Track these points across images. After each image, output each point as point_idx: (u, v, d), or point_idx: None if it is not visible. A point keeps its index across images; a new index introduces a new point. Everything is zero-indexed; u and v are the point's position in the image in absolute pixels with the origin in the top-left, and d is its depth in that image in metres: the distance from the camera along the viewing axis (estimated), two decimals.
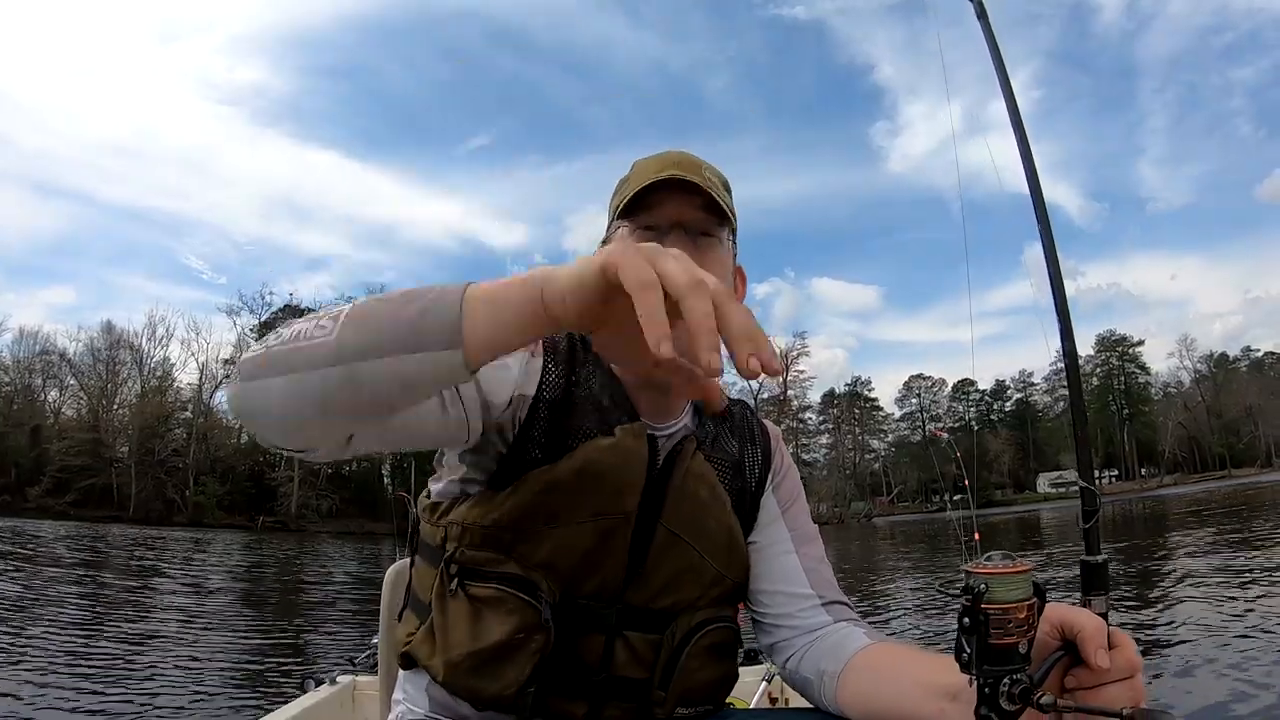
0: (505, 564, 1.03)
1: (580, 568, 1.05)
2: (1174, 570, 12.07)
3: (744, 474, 1.22)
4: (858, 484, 76.82)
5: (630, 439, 1.08)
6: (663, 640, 1.09)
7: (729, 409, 1.27)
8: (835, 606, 1.18)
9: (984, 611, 0.68)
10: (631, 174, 1.16)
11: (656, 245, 0.68)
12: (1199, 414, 75.88)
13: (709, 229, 1.11)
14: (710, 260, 1.09)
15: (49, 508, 49.59)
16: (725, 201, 1.10)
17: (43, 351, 60.91)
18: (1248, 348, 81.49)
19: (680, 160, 1.12)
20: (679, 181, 1.07)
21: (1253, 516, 21.66)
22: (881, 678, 1.00)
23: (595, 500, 1.05)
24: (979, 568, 0.69)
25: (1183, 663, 5.95)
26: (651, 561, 1.08)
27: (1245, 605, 8.15)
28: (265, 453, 62.94)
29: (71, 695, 5.87)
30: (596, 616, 1.07)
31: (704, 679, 1.13)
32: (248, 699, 6.09)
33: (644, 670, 1.09)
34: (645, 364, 0.69)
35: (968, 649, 0.69)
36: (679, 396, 1.15)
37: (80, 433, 56.61)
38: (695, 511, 1.12)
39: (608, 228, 1.20)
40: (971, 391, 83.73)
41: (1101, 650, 0.74)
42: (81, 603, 11.26)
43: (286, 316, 44.45)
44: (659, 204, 1.09)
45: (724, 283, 1.06)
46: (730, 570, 1.16)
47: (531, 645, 1.01)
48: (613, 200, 1.19)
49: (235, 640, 8.87)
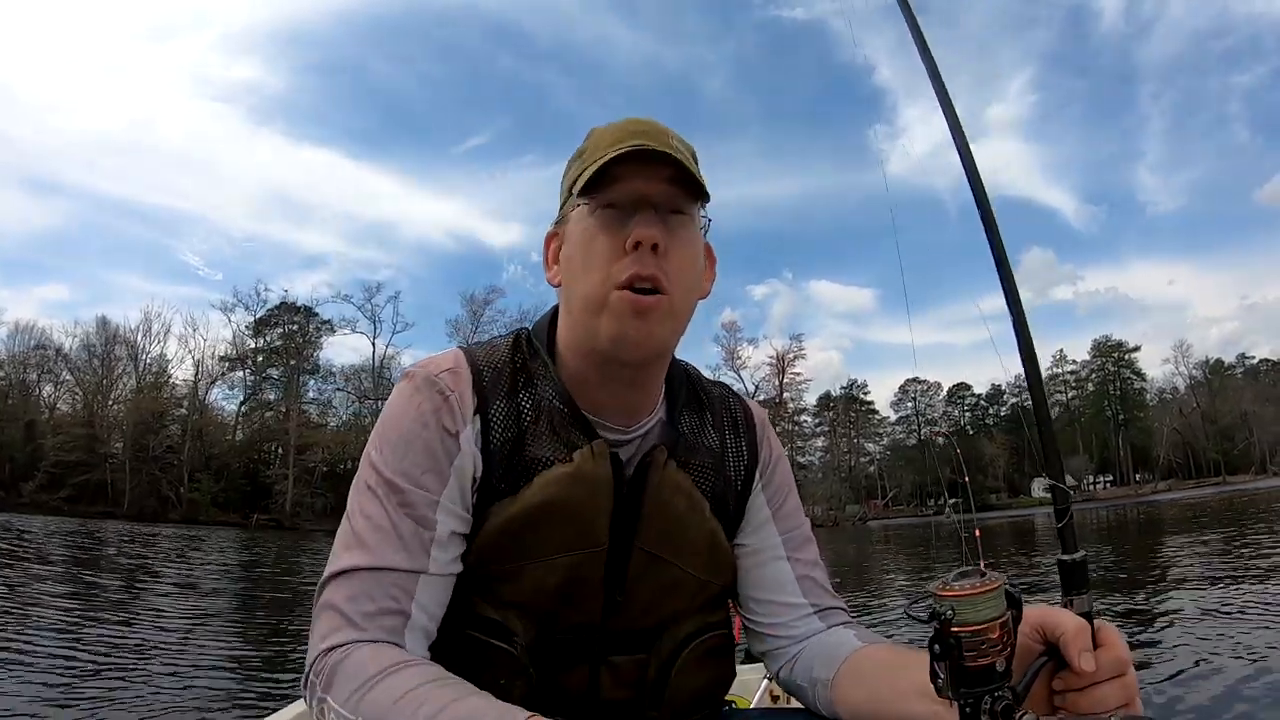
0: (479, 606, 0.98)
1: (555, 604, 1.00)
2: (1166, 574, 12.06)
3: (726, 471, 1.14)
4: (853, 487, 76.71)
5: (590, 463, 0.99)
6: (649, 659, 1.05)
7: (708, 392, 1.19)
8: (829, 612, 1.13)
9: (955, 635, 0.65)
10: (588, 144, 1.03)
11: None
12: (1194, 420, 75.96)
13: (680, 205, 0.99)
14: (681, 241, 0.99)
15: (43, 503, 49.39)
16: (697, 174, 0.99)
17: (38, 346, 60.85)
18: (1243, 354, 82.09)
19: (645, 128, 0.99)
20: (645, 152, 0.95)
21: (1248, 522, 21.67)
22: (874, 681, 0.96)
23: (562, 534, 0.98)
24: (945, 589, 0.67)
25: (1174, 666, 5.94)
26: (631, 585, 1.03)
27: (1238, 607, 8.15)
28: (260, 450, 63.02)
29: (65, 696, 5.81)
30: (578, 648, 1.02)
31: (696, 688, 1.09)
32: (247, 700, 6.03)
33: (632, 691, 1.04)
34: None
35: (941, 675, 0.67)
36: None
37: (75, 428, 56.40)
38: (672, 526, 1.04)
39: (560, 207, 1.08)
40: (967, 395, 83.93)
41: (1085, 652, 0.71)
42: (73, 601, 11.15)
43: (282, 314, 43.87)
44: (622, 178, 0.96)
45: (693, 266, 1.03)
46: (716, 576, 1.11)
47: (514, 692, 0.94)
48: (566, 175, 1.07)
49: (234, 640, 8.81)
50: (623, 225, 0.97)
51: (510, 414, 1.02)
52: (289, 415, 62.75)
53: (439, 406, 0.99)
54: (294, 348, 66.25)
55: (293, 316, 66.97)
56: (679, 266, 0.98)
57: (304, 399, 66.10)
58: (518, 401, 1.03)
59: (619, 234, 0.96)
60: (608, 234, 0.97)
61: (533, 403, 1.03)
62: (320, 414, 67.22)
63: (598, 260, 0.97)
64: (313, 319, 67.56)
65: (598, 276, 0.96)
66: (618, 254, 0.96)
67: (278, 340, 66.80)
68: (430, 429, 0.97)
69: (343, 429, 65.03)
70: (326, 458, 61.83)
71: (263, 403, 66.40)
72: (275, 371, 66.73)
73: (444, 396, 0.99)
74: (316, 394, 68.05)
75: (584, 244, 0.99)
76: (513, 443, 1.00)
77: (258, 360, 66.40)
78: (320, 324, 67.81)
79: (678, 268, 0.98)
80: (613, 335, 0.96)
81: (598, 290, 0.96)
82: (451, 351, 1.07)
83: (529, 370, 1.05)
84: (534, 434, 1.01)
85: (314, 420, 65.74)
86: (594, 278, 0.97)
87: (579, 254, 1.00)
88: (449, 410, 0.98)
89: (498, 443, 1.00)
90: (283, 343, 66.60)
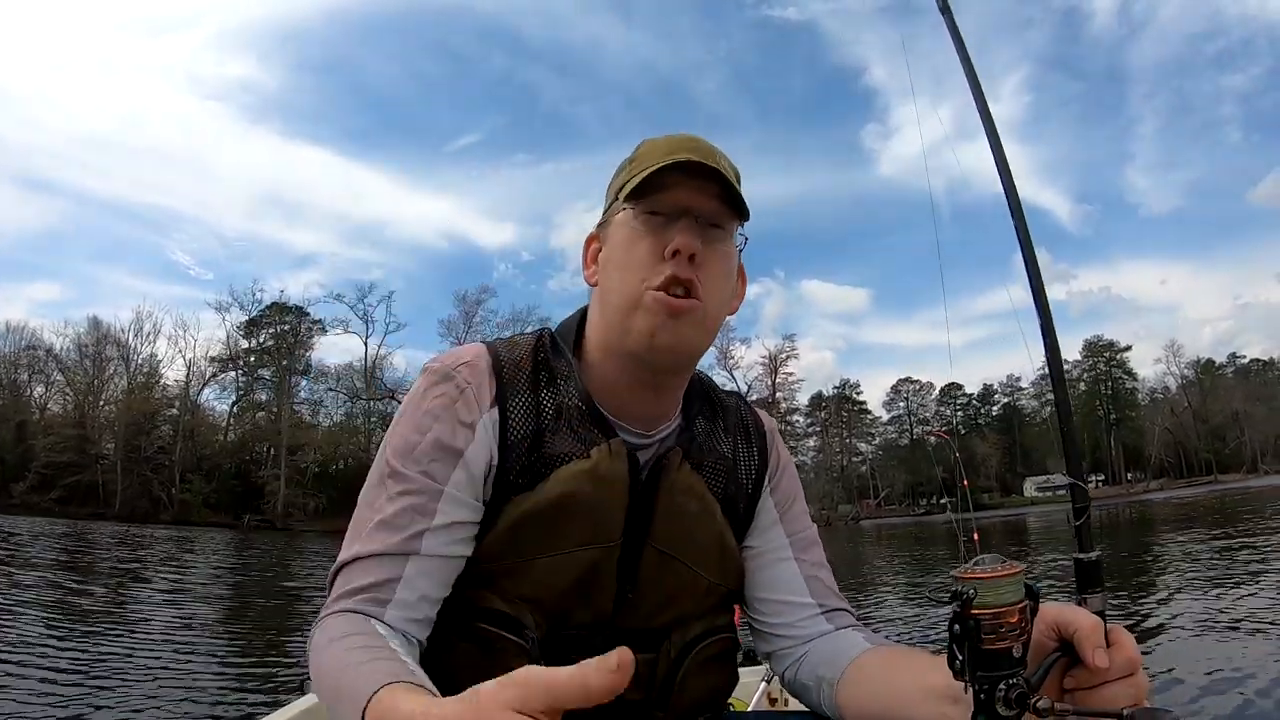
0: (489, 600, 1.00)
1: (568, 600, 1.02)
2: (1163, 572, 12.14)
3: (737, 476, 1.16)
4: (845, 487, 76.94)
5: (607, 460, 1.02)
6: (658, 659, 1.06)
7: (722, 401, 1.22)
8: (835, 614, 1.14)
9: (975, 617, 0.66)
10: (639, 153, 1.08)
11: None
12: (1185, 419, 76.32)
13: (720, 220, 1.03)
14: (718, 255, 1.03)
15: (34, 504, 49.20)
16: (740, 193, 1.03)
17: (29, 346, 60.51)
18: (1234, 354, 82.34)
19: (695, 144, 1.04)
20: (694, 166, 0.99)
21: (1240, 521, 21.78)
22: (880, 682, 0.97)
23: (577, 530, 1.01)
24: (967, 573, 0.68)
25: (1176, 661, 5.97)
26: (642, 583, 1.05)
27: (1237, 603, 8.19)
28: (252, 451, 62.80)
29: (59, 696, 5.79)
30: (587, 644, 1.01)
31: (702, 690, 1.10)
32: (247, 700, 6.01)
33: (640, 691, 1.05)
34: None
35: (960, 655, 0.68)
36: None
37: (66, 429, 56.19)
38: (684, 527, 1.07)
39: (605, 211, 1.11)
40: (960, 395, 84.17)
41: (1099, 649, 0.72)
42: (62, 604, 11.11)
43: (274, 314, 44.21)
44: (669, 188, 1.01)
45: (726, 281, 1.07)
46: (725, 579, 1.12)
47: None
48: (614, 181, 1.10)
49: (230, 641, 8.80)
50: (664, 232, 1.00)
51: (529, 409, 1.04)
52: (281, 416, 62.59)
53: (454, 399, 1.01)
54: (286, 348, 66.02)
55: (284, 316, 66.68)
56: (713, 278, 1.02)
57: (296, 399, 65.98)
58: (538, 397, 1.05)
59: (660, 240, 1.00)
60: (649, 239, 1.01)
61: (553, 400, 1.05)
62: (312, 414, 67.09)
63: (636, 262, 1.01)
64: (304, 319, 67.33)
65: (635, 277, 1.00)
66: (656, 258, 1.00)
67: (269, 340, 66.53)
68: (442, 421, 1.00)
69: (335, 429, 64.93)
70: (318, 458, 61.72)
71: (254, 403, 66.13)
72: (267, 372, 66.49)
73: (459, 389, 1.02)
74: (308, 394, 67.88)
75: (625, 246, 1.03)
76: (531, 438, 1.02)
77: (249, 360, 66.16)
78: (312, 324, 67.59)
79: (712, 279, 1.02)
80: (645, 334, 0.99)
81: (634, 290, 1.00)
82: (474, 345, 1.10)
83: (551, 368, 1.08)
84: (553, 430, 1.03)
85: (306, 421, 65.60)
86: (631, 278, 1.01)
87: (619, 255, 1.04)
88: (464, 402, 1.01)
89: (516, 436, 1.02)
90: (274, 343, 66.33)
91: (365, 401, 64.71)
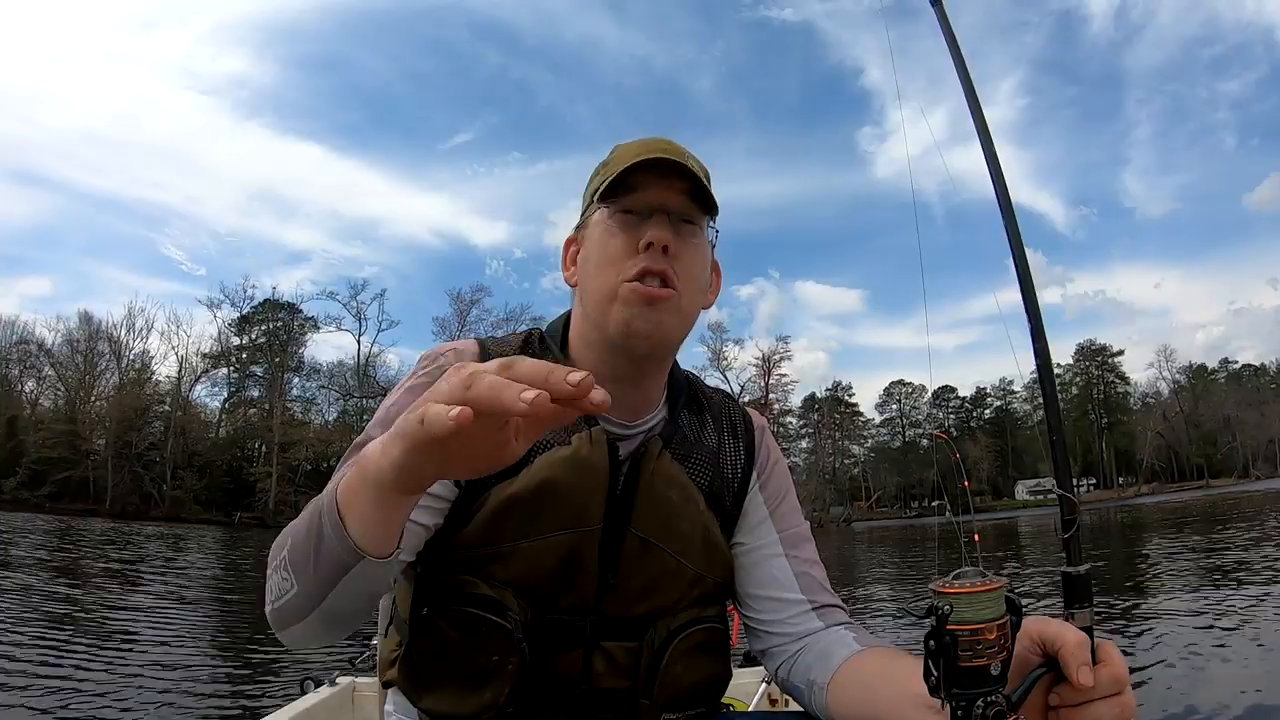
0: (475, 585, 1.01)
1: (551, 584, 1.03)
2: (1153, 578, 12.15)
3: (722, 469, 1.18)
4: (837, 489, 76.96)
5: (587, 447, 1.05)
6: (641, 647, 1.07)
7: (709, 398, 1.25)
8: (827, 610, 1.15)
9: (951, 633, 0.65)
10: (612, 157, 1.13)
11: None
12: (1177, 424, 76.60)
13: (691, 216, 1.08)
14: (691, 247, 1.07)
15: (24, 500, 49.02)
16: (709, 188, 1.08)
17: (20, 341, 60.20)
18: (1226, 359, 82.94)
19: (665, 146, 1.08)
20: (664, 164, 1.05)
21: (1231, 525, 21.84)
22: (870, 687, 0.98)
23: (558, 515, 1.03)
24: (946, 586, 0.66)
25: (1164, 678, 5.96)
26: (624, 570, 1.06)
27: (1227, 615, 8.19)
28: (243, 448, 62.64)
29: (47, 697, 5.75)
30: (572, 630, 1.05)
31: (690, 681, 1.10)
32: (246, 701, 5.97)
33: (625, 679, 1.06)
34: (511, 452, 0.66)
35: (935, 672, 0.67)
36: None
37: (57, 424, 55.86)
38: (666, 515, 1.08)
39: (583, 213, 1.16)
40: (952, 398, 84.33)
41: (1085, 667, 0.71)
42: (56, 600, 11.05)
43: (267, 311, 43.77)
44: (641, 187, 1.05)
45: (701, 273, 1.11)
46: (711, 570, 1.13)
47: (507, 668, 0.99)
48: (590, 184, 1.15)
49: (229, 641, 8.73)
50: (638, 228, 1.05)
51: None
52: (273, 413, 62.37)
53: (436, 377, 1.01)
54: (278, 345, 65.81)
55: (277, 313, 66.46)
56: (687, 268, 1.07)
57: (288, 396, 65.70)
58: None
59: (634, 236, 1.05)
60: (623, 235, 1.06)
61: None
62: (304, 412, 66.85)
63: (612, 258, 1.05)
64: (297, 316, 67.06)
65: (612, 271, 1.05)
66: (631, 252, 1.04)
67: (261, 337, 66.30)
68: (422, 396, 1.01)
69: (327, 427, 64.70)
70: (310, 456, 61.43)
71: (246, 400, 65.88)
72: (259, 369, 66.25)
73: (441, 369, 1.02)
74: (300, 391, 67.65)
75: (601, 244, 1.07)
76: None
77: (241, 357, 65.89)
78: (304, 321, 67.31)
79: (686, 269, 1.06)
80: (622, 323, 1.03)
81: (611, 283, 1.05)
82: (466, 339, 1.18)
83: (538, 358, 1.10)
84: None
85: (298, 418, 65.33)
86: (608, 273, 1.05)
87: (596, 253, 1.08)
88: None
89: None
90: (266, 340, 66.10)
91: (358, 399, 64.49)
